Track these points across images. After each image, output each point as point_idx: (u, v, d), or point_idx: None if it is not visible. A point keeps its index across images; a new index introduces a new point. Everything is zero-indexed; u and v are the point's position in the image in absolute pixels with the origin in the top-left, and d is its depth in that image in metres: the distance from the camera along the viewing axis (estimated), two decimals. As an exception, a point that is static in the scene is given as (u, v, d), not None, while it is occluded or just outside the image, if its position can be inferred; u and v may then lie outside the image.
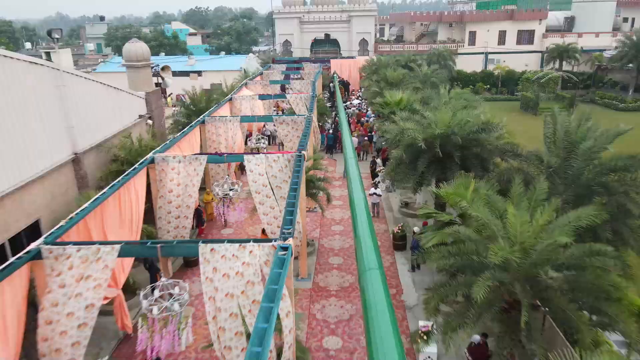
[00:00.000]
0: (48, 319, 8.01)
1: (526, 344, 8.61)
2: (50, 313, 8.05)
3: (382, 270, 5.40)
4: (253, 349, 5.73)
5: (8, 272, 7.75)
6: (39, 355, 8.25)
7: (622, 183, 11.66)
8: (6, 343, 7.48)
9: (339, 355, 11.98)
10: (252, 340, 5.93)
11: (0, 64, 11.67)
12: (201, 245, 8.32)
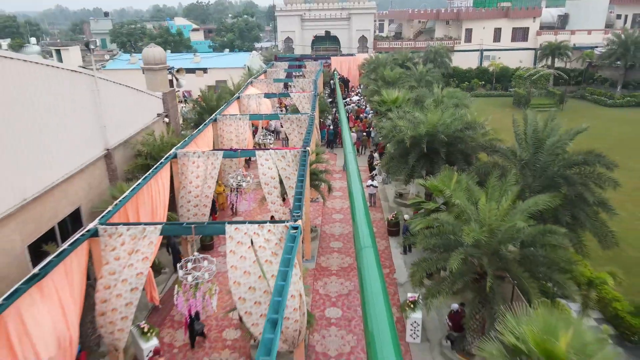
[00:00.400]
0: (107, 284, 9.96)
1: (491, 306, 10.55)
2: (108, 280, 10.01)
3: (375, 249, 7.11)
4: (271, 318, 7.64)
5: (74, 247, 9.68)
6: (97, 314, 10.21)
7: (580, 175, 13.57)
8: (74, 303, 9.43)
9: (339, 322, 13.96)
10: (271, 305, 7.82)
11: (47, 74, 13.53)
12: (227, 225, 10.25)
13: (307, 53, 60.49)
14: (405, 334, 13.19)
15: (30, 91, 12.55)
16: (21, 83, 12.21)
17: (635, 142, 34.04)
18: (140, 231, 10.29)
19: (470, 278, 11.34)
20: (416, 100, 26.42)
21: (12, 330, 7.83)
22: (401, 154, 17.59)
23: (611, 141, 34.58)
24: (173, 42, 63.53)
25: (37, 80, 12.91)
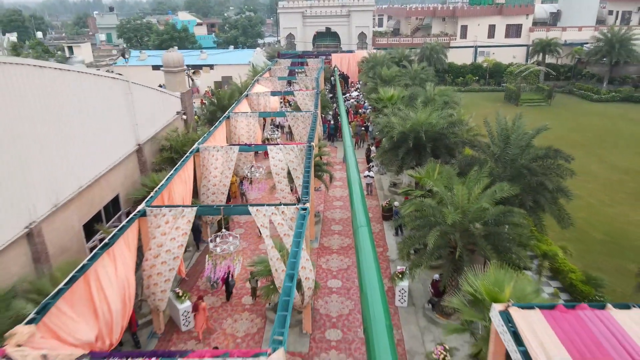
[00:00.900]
0: (155, 254, 12.49)
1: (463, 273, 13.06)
2: (155, 250, 12.53)
3: (369, 228, 9.45)
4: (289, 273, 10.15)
5: (130, 223, 12.18)
6: (145, 278, 12.74)
7: (542, 167, 16.03)
8: (131, 268, 11.94)
9: (339, 291, 16.51)
10: (288, 264, 10.33)
11: (93, 81, 15.94)
12: (250, 207, 12.76)
13: (309, 49, 62.75)
14: (394, 300, 15.75)
15: (82, 97, 14.99)
16: (75, 90, 14.65)
17: (614, 135, 36.38)
18: (179, 212, 12.80)
19: (447, 251, 13.86)
20: (410, 98, 28.75)
21: (93, 285, 10.35)
22: (393, 148, 20.06)
23: (592, 134, 37.02)
24: (179, 38, 65.62)
25: (86, 87, 15.34)
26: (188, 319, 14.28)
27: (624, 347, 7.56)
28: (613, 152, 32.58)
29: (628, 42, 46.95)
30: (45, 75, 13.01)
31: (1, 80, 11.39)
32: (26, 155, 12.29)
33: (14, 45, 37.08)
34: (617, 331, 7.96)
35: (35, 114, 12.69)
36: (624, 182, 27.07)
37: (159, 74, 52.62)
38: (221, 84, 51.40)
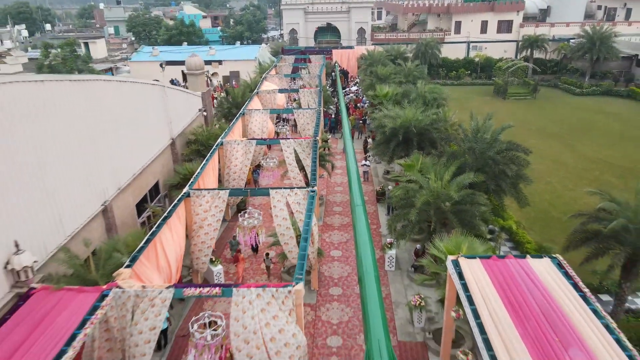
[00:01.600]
0: (199, 226, 16.16)
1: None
2: (199, 224, 16.20)
3: (364, 207, 13.32)
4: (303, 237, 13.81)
5: (179, 202, 15.79)
6: (192, 245, 16.41)
7: (504, 158, 19.59)
8: (182, 237, 15.59)
9: (340, 259, 20.21)
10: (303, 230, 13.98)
11: (138, 88, 19.47)
12: (271, 190, 16.40)
13: (311, 44, 65.97)
14: (384, 265, 19.46)
15: (133, 102, 18.55)
16: (129, 97, 18.20)
17: (588, 128, 39.88)
18: (216, 193, 16.45)
19: (425, 225, 17.51)
20: (403, 95, 32.20)
21: (158, 246, 13.99)
22: (385, 141, 23.63)
23: (569, 126, 40.56)
24: (187, 33, 68.76)
25: (135, 94, 18.88)
26: (219, 279, 17.98)
27: (531, 280, 11.27)
28: (585, 143, 36.12)
29: (608, 40, 50.19)
30: (112, 87, 16.56)
31: (87, 93, 14.94)
32: (100, 152, 15.86)
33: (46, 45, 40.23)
34: (530, 271, 11.67)
35: (105, 118, 16.26)
36: (589, 170, 30.68)
37: (170, 68, 56.23)
38: (229, 78, 54.77)
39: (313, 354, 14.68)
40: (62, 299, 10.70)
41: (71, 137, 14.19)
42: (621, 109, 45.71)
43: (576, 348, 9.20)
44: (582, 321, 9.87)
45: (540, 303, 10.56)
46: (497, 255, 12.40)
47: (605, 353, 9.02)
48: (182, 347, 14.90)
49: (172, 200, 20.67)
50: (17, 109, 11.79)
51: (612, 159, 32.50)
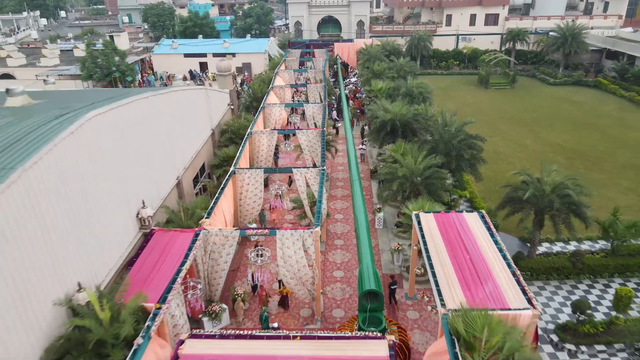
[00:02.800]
0: (245, 196, 22.60)
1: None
2: (244, 194, 22.63)
3: (360, 182, 19.98)
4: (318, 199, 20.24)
5: (229, 178, 22.17)
6: (240, 208, 22.86)
7: (463, 144, 25.86)
8: (232, 202, 22.03)
9: (342, 220, 26.74)
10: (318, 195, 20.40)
11: (193, 92, 25.65)
12: (293, 169, 22.81)
13: (314, 37, 71.52)
14: (374, 224, 25.97)
15: (191, 103, 24.80)
16: (190, 100, 24.43)
17: (554, 115, 45.90)
18: (254, 172, 22.83)
19: (403, 194, 23.92)
20: (394, 89, 38.28)
21: (220, 206, 20.41)
22: (377, 131, 29.90)
23: (538, 114, 46.64)
24: (200, 25, 74.20)
25: (192, 97, 25.10)
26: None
27: (463, 226, 17.71)
28: (548, 130, 42.30)
29: (579, 36, 55.88)
30: (180, 94, 22.79)
31: (167, 101, 21.18)
32: (174, 142, 22.16)
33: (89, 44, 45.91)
34: (463, 221, 18.12)
35: (175, 118, 22.51)
36: (545, 152, 36.94)
37: (189, 60, 61.93)
38: (242, 70, 60.61)
39: (324, 282, 21.26)
40: (172, 236, 17.19)
41: (160, 134, 20.50)
42: (586, 98, 51.72)
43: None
44: (489, 252, 16.29)
45: (466, 241, 16.97)
46: (444, 211, 18.88)
47: (501, 275, 15.31)
48: (232, 278, 21.49)
49: (213, 176, 27.19)
50: (136, 116, 18.03)
51: (567, 143, 38.76)
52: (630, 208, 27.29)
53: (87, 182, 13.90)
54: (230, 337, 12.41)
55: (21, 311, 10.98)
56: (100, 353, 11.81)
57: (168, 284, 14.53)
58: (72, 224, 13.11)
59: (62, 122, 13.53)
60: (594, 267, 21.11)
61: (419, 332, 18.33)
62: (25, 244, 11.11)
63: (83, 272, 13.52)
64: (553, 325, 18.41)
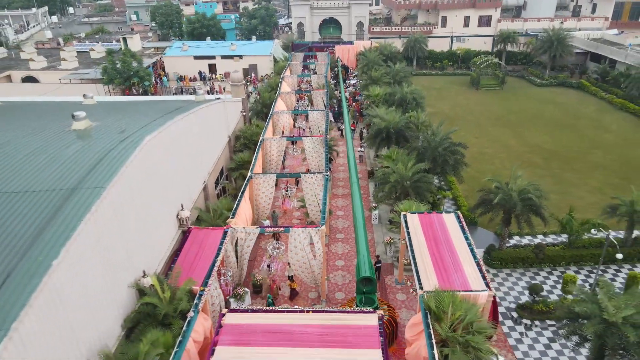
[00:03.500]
0: (261, 197, 26.52)
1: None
2: (260, 196, 26.56)
3: (358, 184, 24.05)
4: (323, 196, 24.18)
5: (247, 182, 26.08)
6: (255, 208, 26.81)
7: (448, 152, 29.70)
8: (249, 200, 25.95)
9: (342, 216, 30.70)
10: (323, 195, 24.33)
11: (215, 104, 29.40)
12: (302, 174, 26.71)
13: (316, 39, 74.90)
14: (371, 220, 29.93)
15: (213, 114, 28.61)
16: (212, 112, 28.23)
17: (537, 117, 49.54)
18: (268, 177, 26.73)
19: (395, 195, 27.82)
20: (390, 95, 41.95)
21: (242, 209, 24.34)
22: (373, 137, 33.70)
23: (523, 115, 50.33)
24: (208, 26, 77.52)
25: (214, 109, 28.89)
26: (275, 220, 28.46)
27: (441, 225, 21.65)
28: (530, 131, 46.05)
29: (564, 40, 59.34)
30: (206, 108, 26.61)
31: (199, 114, 25.02)
32: (201, 151, 26.01)
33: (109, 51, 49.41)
34: (441, 221, 22.05)
35: (203, 128, 26.31)
36: (525, 153, 40.77)
37: (199, 62, 65.40)
38: (248, 71, 64.13)
39: (328, 270, 25.24)
40: (205, 233, 21.14)
41: (192, 145, 24.36)
42: (569, 100, 55.39)
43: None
44: (460, 246, 20.22)
45: (443, 237, 20.90)
46: (427, 212, 22.80)
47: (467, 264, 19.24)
48: (251, 266, 25.47)
49: (231, 178, 31.03)
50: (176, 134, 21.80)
51: (546, 143, 42.57)
52: (594, 205, 31.12)
53: (146, 193, 17.82)
54: (259, 311, 16.44)
55: (111, 293, 14.98)
56: (163, 322, 15.80)
57: (207, 271, 18.51)
58: (138, 226, 17.07)
59: (127, 148, 17.38)
60: (553, 257, 25.11)
61: (406, 311, 22.37)
62: (112, 244, 15.05)
63: (144, 262, 17.50)
64: (514, 304, 22.46)
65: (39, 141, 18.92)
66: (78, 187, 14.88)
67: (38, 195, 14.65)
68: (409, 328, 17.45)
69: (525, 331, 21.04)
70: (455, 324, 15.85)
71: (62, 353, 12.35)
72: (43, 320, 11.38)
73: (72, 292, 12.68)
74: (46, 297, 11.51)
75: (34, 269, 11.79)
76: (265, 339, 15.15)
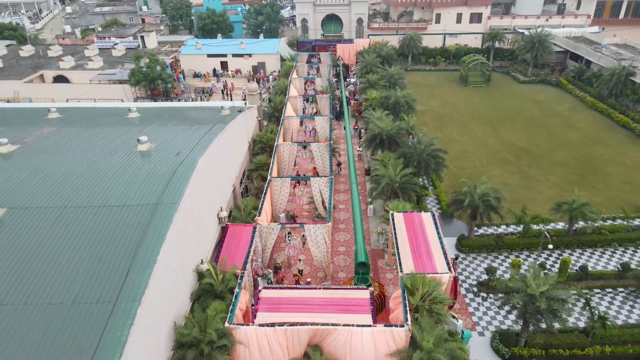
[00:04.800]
0: (279, 196, 32.76)
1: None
2: (278, 195, 32.78)
3: (357, 184, 30.34)
4: (329, 196, 30.43)
5: (268, 185, 32.24)
6: (273, 207, 33.10)
7: (430, 157, 35.73)
8: (270, 198, 32.17)
9: (344, 209, 36.98)
10: (329, 195, 30.57)
11: (240, 117, 35.31)
12: (311, 178, 32.89)
13: (319, 36, 79.96)
14: (367, 212, 36.22)
15: (239, 125, 34.57)
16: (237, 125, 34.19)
17: (516, 115, 55.20)
18: (284, 180, 32.88)
19: (386, 193, 33.98)
20: (385, 98, 47.64)
21: (265, 208, 30.57)
22: (369, 141, 39.70)
23: (503, 113, 56.00)
24: (218, 23, 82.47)
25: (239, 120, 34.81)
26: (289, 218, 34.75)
27: (420, 222, 27.97)
28: (508, 128, 51.86)
29: (545, 41, 64.55)
30: (234, 120, 32.60)
31: (231, 125, 31.01)
32: (231, 158, 32.06)
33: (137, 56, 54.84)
34: (420, 218, 28.35)
35: (232, 138, 32.28)
36: (500, 151, 46.75)
37: (212, 60, 70.61)
38: (257, 68, 69.51)
39: (332, 255, 31.60)
40: (239, 229, 27.42)
41: (224, 155, 30.44)
42: (547, 97, 60.97)
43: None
44: (433, 240, 26.51)
45: (420, 232, 27.16)
46: (410, 211, 29.01)
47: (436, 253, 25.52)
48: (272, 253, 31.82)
49: (252, 179, 37.14)
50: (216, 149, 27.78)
51: (519, 141, 48.49)
52: (551, 199, 37.22)
53: (199, 201, 24.02)
54: (285, 287, 22.91)
55: (183, 276, 21.39)
56: (218, 296, 22.22)
57: (244, 258, 24.88)
58: (197, 227, 23.38)
59: (187, 169, 23.50)
60: (509, 245, 31.49)
61: (393, 287, 28.84)
62: (182, 242, 21.33)
63: (200, 253, 23.86)
64: (476, 282, 28.94)
65: (117, 162, 25.02)
66: (159, 203, 21.10)
67: (132, 209, 20.89)
68: (392, 299, 23.92)
69: (482, 302, 27.56)
70: (424, 297, 22.23)
71: (162, 314, 18.79)
72: (154, 294, 17.71)
73: (165, 275, 19.02)
74: (155, 280, 17.82)
75: (146, 263, 18.08)
76: (290, 307, 21.63)
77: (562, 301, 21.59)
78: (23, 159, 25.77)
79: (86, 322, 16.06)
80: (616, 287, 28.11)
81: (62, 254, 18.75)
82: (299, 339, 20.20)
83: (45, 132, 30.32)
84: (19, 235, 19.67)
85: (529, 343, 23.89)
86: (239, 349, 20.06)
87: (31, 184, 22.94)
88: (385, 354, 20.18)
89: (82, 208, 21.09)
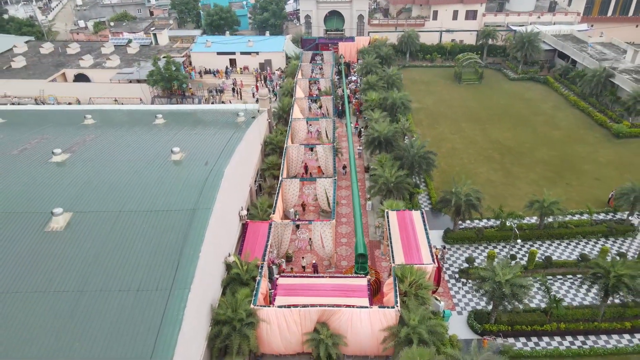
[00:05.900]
0: (288, 195, 37.47)
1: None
2: (289, 194, 37.48)
3: (357, 184, 35.08)
4: (333, 193, 35.18)
5: (280, 184, 36.90)
6: (284, 205, 37.85)
7: (422, 158, 40.26)
8: (282, 197, 36.90)
9: (345, 205, 41.72)
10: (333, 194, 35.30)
11: (254, 124, 39.76)
12: (317, 178, 37.55)
13: (322, 31, 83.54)
14: (366, 207, 40.95)
15: (253, 130, 39.07)
16: (252, 129, 38.67)
17: (504, 113, 59.26)
18: (294, 180, 37.52)
19: (382, 193, 38.62)
20: (384, 99, 51.90)
21: (278, 205, 35.28)
22: (369, 143, 44.18)
23: (493, 111, 60.15)
24: (226, 18, 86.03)
25: (253, 127, 39.29)
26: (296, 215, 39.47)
27: (410, 219, 32.74)
28: (496, 127, 56.13)
29: (534, 41, 68.28)
30: (251, 127, 37.08)
31: (248, 130, 35.51)
32: (247, 160, 36.59)
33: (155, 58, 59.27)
34: (410, 216, 33.12)
35: (248, 142, 36.78)
36: (487, 149, 51.14)
37: (221, 57, 74.43)
38: (264, 65, 73.45)
39: (336, 246, 36.39)
40: (257, 226, 32.18)
41: (244, 158, 34.99)
42: (535, 95, 65.00)
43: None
44: (421, 235, 31.28)
45: (410, 228, 31.93)
46: (402, 209, 33.70)
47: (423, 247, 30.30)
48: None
49: (265, 177, 41.78)
50: (238, 155, 32.32)
51: (504, 139, 52.86)
52: (528, 195, 41.84)
53: (226, 203, 28.74)
54: (298, 275, 27.84)
55: (216, 267, 26.26)
56: (244, 283, 27.10)
57: (263, 251, 29.71)
58: (224, 226, 28.16)
59: (216, 178, 28.15)
60: (488, 237, 36.31)
61: (387, 274, 33.73)
62: (215, 238, 26.09)
63: (227, 247, 28.70)
64: (458, 269, 33.84)
65: (155, 171, 29.66)
66: (196, 208, 25.84)
67: (175, 213, 25.63)
68: (385, 286, 28.84)
69: (462, 286, 32.50)
70: (411, 284, 27.10)
71: (204, 298, 23.69)
72: (198, 282, 22.56)
73: (205, 267, 23.86)
74: (199, 271, 22.66)
75: (191, 258, 22.89)
76: (303, 291, 26.58)
77: (523, 287, 26.46)
78: (76, 168, 30.47)
79: (150, 305, 20.95)
80: (575, 274, 32.97)
81: (124, 251, 23.59)
82: (310, 318, 25.16)
83: (87, 141, 34.87)
84: (86, 236, 24.50)
85: (498, 320, 28.87)
86: (262, 325, 25.04)
87: (88, 191, 27.68)
88: (379, 330, 25.18)
89: (134, 212, 25.86)
